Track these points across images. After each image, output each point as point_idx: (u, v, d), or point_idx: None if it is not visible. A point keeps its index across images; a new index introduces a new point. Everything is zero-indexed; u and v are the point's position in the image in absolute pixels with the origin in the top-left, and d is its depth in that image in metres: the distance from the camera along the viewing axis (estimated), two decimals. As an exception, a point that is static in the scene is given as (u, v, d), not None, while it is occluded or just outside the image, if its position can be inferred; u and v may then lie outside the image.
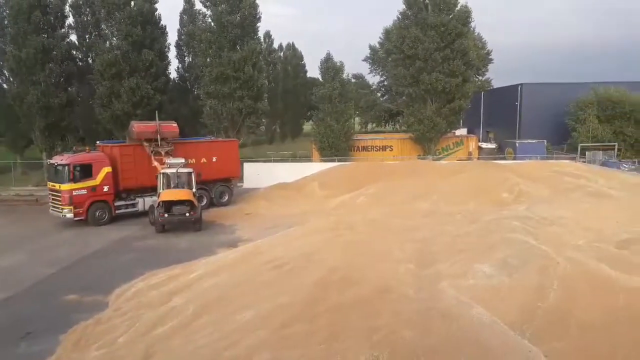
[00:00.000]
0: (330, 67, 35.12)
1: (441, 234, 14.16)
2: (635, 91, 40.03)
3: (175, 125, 21.85)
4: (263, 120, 41.08)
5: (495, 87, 60.57)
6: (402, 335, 7.75)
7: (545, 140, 40.29)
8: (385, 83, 58.18)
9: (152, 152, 20.32)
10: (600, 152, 36.84)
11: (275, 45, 65.04)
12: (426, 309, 8.69)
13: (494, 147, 45.31)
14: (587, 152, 36.58)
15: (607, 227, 13.48)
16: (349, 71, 42.15)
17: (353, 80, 52.01)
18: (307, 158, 37.49)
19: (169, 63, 34.07)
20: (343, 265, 11.04)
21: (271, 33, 62.30)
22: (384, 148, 39.67)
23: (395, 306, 8.96)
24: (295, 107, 65.02)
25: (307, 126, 61.60)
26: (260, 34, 35.43)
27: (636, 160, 36.83)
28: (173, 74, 39.55)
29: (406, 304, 8.95)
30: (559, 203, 17.92)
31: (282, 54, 66.94)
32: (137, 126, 20.98)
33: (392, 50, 38.11)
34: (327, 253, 12.20)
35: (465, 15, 34.88)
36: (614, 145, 37.61)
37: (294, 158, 38.88)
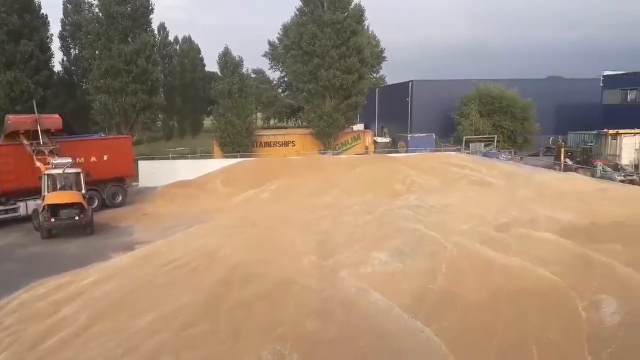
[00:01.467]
0: (228, 61, 34.55)
1: (341, 225, 14.66)
2: (511, 88, 44.20)
3: (57, 116, 20.21)
4: (159, 115, 39.48)
5: (388, 83, 63.56)
6: (304, 327, 7.95)
7: (434, 134, 43.04)
8: (286, 79, 58.50)
9: (33, 151, 18.61)
10: (482, 143, 40.27)
11: (171, 38, 62.61)
12: (327, 298, 8.99)
13: (388, 141, 47.52)
14: (470, 144, 39.77)
15: (488, 212, 14.82)
16: (248, 66, 41.77)
17: (253, 75, 51.64)
18: (208, 154, 36.59)
19: (52, 55, 31.55)
20: (246, 261, 11.03)
21: (166, 25, 59.93)
22: (286, 143, 39.92)
23: (297, 298, 9.16)
24: (195, 101, 63.03)
25: (208, 122, 60.08)
26: (154, 25, 34.00)
27: (512, 150, 40.74)
28: (57, 67, 36.84)
29: (308, 296, 9.18)
30: (447, 192, 19.31)
31: (178, 47, 64.53)
32: (12, 117, 19.13)
33: (291, 46, 38.45)
34: (229, 250, 12.10)
35: (359, 14, 36.11)
36: (494, 137, 41.28)
37: (194, 155, 37.78)
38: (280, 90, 62.31)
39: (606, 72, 44.67)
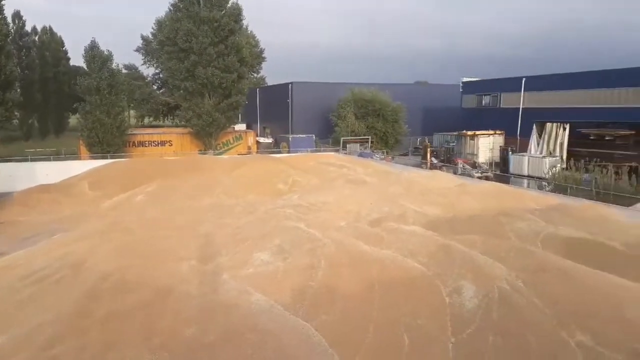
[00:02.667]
0: (96, 55, 32.10)
1: (223, 227, 14.38)
2: (383, 91, 46.97)
3: None
4: (15, 112, 35.40)
5: (269, 84, 63.82)
6: (182, 335, 7.67)
7: (313, 135, 44.22)
8: (161, 75, 55.89)
9: None
10: (358, 144, 42.32)
11: (28, 28, 56.47)
12: (207, 303, 8.76)
13: (270, 141, 47.81)
14: (347, 145, 41.56)
15: (363, 209, 15.57)
16: (120, 61, 39.17)
17: (125, 71, 48.56)
18: (73, 155, 33.61)
19: None
20: (118, 269, 10.31)
21: (22, 14, 53.98)
22: (162, 143, 38.17)
23: (176, 306, 8.79)
24: (59, 98, 57.49)
25: (74, 120, 55.12)
26: (7, 14, 30.35)
27: (385, 150, 43.35)
28: None
29: (187, 302, 8.86)
30: (326, 190, 19.92)
31: (37, 38, 58.34)
32: None
33: (166, 42, 36.85)
34: (99, 258, 11.21)
35: (236, 12, 35.75)
36: (368, 139, 43.57)
37: (58, 156, 34.47)
38: (155, 87, 59.29)
39: (464, 79, 49.45)
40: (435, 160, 38.46)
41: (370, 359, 7.29)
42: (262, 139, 47.94)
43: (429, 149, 39.12)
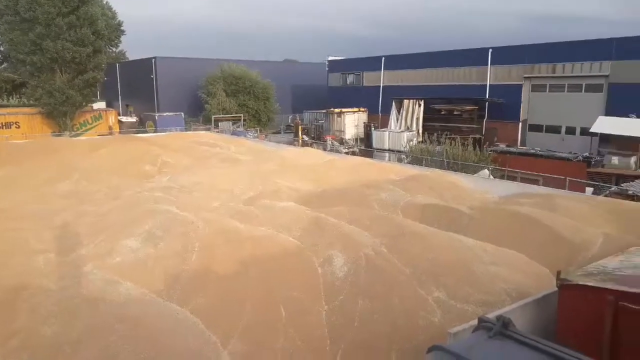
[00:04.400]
0: None
1: (83, 215, 13.32)
2: (253, 68, 46.60)
3: None
4: None
5: (131, 59, 59.59)
6: (42, 334, 7.06)
7: (182, 113, 42.58)
8: (2, 49, 49.10)
9: None
10: (230, 122, 41.72)
11: None
12: (70, 298, 8.13)
13: (134, 120, 45.03)
14: (219, 123, 40.76)
15: (237, 187, 15.52)
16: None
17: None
18: None
19: None
20: (-43, 271, 9.08)
21: None
22: (8, 125, 33.94)
23: (33, 303, 8.02)
24: None
25: None
26: None
27: (258, 128, 43.33)
28: None
29: (46, 298, 8.13)
30: (198, 171, 19.42)
31: None
32: None
33: (5, 10, 32.36)
34: None
35: (88, -20, 32.67)
36: (241, 116, 43.14)
37: None
38: (-5, 62, 52.02)
39: (330, 58, 51.03)
40: (306, 138, 39.48)
41: (248, 336, 7.42)
42: (125, 118, 44.85)
43: (300, 127, 39.98)
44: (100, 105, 46.42)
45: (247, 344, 7.28)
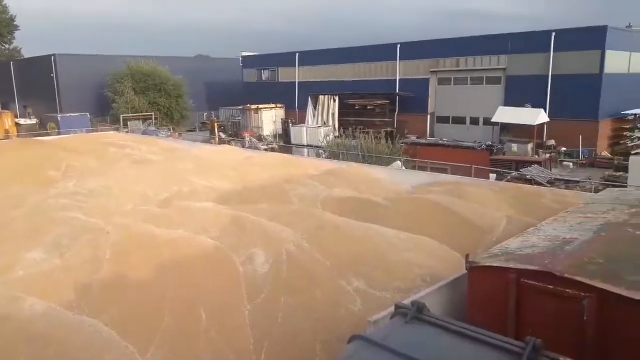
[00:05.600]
0: None
1: (-24, 228, 12.13)
2: (163, 65, 44.85)
3: None
4: None
5: (26, 57, 55.11)
6: None
7: (88, 113, 40.15)
8: None
9: None
10: (140, 121, 39.91)
11: None
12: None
13: (34, 122, 41.80)
14: (129, 122, 38.85)
15: (150, 189, 14.89)
16: None
17: None
18: None
19: None
20: None
21: None
22: None
23: None
24: None
25: None
26: None
27: (171, 127, 41.85)
28: None
29: None
30: (108, 173, 18.37)
31: None
32: None
33: None
34: None
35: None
36: (152, 115, 41.41)
37: None
38: None
39: (244, 53, 50.45)
40: (223, 135, 38.75)
41: (168, 343, 7.17)
42: (23, 120, 41.45)
43: (216, 124, 39.17)
44: (-7, 107, 42.46)
45: (167, 351, 7.03)
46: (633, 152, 30.16)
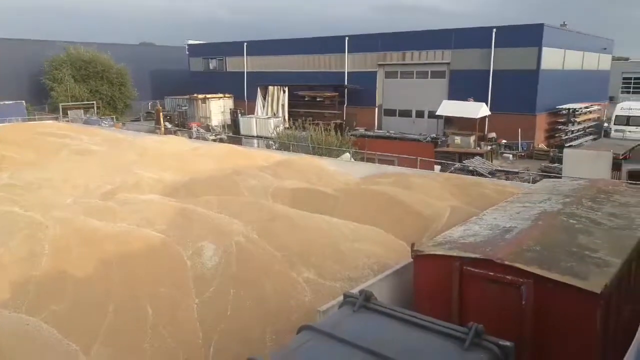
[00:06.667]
0: None
1: None
2: (105, 52, 43.00)
3: None
4: None
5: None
6: None
7: (24, 101, 37.95)
8: None
9: None
10: (82, 110, 38.15)
11: None
12: None
13: (-38, 110, 38.97)
14: (69, 112, 37.06)
15: (92, 181, 14.31)
16: None
17: None
18: None
19: None
20: None
21: None
22: None
23: None
24: None
25: None
26: None
27: (114, 116, 40.27)
28: None
29: None
30: (46, 165, 17.51)
31: None
32: None
33: None
34: None
35: None
36: (93, 104, 39.67)
37: None
38: None
39: (190, 42, 49.16)
40: (169, 125, 37.71)
41: (113, 340, 6.97)
42: (-52, 109, 38.55)
43: (161, 114, 38.04)
44: None
45: (112, 348, 6.84)
46: (567, 144, 31.96)
